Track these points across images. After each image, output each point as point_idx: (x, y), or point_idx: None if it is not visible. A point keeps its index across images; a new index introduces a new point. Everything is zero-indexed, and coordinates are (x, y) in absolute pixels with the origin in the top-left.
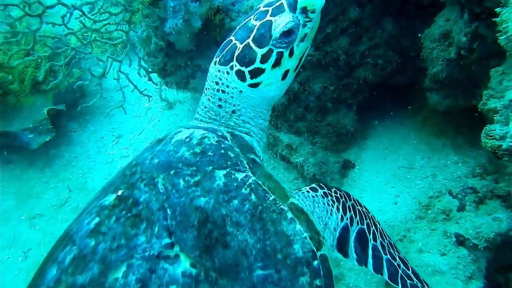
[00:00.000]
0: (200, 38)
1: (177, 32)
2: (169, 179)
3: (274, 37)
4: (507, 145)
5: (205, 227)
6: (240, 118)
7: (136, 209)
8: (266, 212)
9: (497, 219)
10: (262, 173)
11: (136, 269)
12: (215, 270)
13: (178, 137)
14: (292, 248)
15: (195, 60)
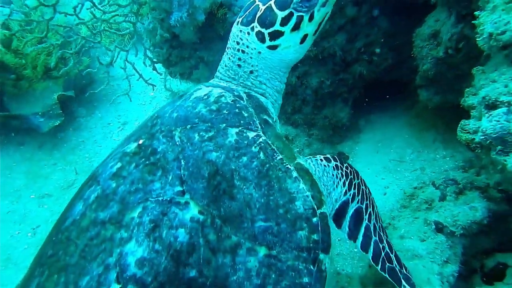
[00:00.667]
0: (204, 31)
1: (181, 25)
2: (185, 133)
3: (294, 1)
4: (479, 138)
5: (215, 179)
6: (258, 79)
7: (154, 158)
8: (272, 170)
9: (473, 208)
10: (273, 134)
11: (150, 211)
12: (221, 218)
13: (197, 94)
14: (294, 204)
15: (199, 52)
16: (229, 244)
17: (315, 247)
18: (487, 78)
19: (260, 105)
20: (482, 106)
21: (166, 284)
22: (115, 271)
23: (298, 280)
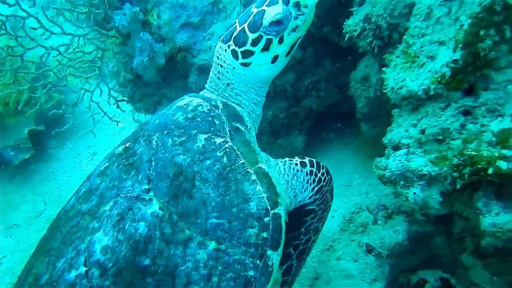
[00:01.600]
0: (166, 71)
1: (143, 67)
2: (161, 138)
3: (264, 25)
4: (387, 174)
5: (178, 179)
6: (234, 90)
7: (132, 159)
8: (232, 172)
9: (396, 231)
10: (240, 140)
11: (119, 205)
12: (178, 214)
13: (179, 103)
14: (248, 204)
15: (162, 90)
16: (182, 237)
17: (263, 244)
18: (396, 122)
19: (234, 114)
20: (390, 146)
21: (123, 270)
22: (84, 256)
23: (244, 273)
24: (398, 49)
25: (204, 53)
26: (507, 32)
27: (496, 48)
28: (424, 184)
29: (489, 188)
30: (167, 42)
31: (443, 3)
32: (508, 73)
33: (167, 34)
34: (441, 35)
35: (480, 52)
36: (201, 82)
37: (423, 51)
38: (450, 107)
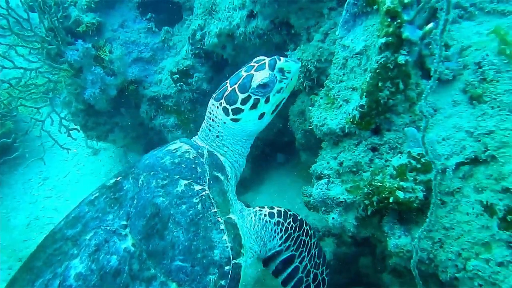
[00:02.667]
0: (118, 101)
1: (95, 98)
2: (147, 178)
3: (252, 87)
4: (312, 201)
5: (153, 220)
6: (222, 141)
7: (118, 194)
8: (203, 220)
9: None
10: (217, 189)
11: (98, 236)
12: (147, 253)
13: (170, 147)
14: (212, 252)
15: (114, 118)
16: (147, 275)
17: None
18: (321, 155)
19: (217, 164)
20: (314, 176)
21: None
22: (59, 279)
23: None
24: (321, 92)
25: (155, 86)
26: (400, 84)
27: (393, 97)
28: (341, 210)
29: (393, 214)
30: (119, 75)
31: (355, 56)
32: (405, 117)
33: (119, 68)
34: (354, 82)
35: (380, 100)
36: (151, 112)
37: (340, 95)
38: (361, 144)
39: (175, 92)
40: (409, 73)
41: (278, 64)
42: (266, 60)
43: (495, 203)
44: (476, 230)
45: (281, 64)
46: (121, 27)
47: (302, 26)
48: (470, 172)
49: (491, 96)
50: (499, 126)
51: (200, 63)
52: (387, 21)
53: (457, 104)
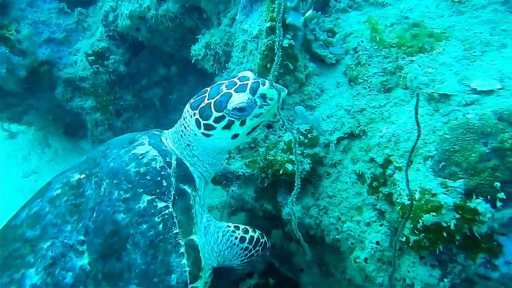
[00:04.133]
0: (31, 82)
1: (2, 79)
2: (110, 187)
3: (227, 108)
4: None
5: (112, 238)
6: (192, 151)
7: (80, 200)
8: (164, 242)
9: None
10: (182, 206)
11: (55, 248)
12: (103, 274)
13: (136, 150)
14: (170, 276)
15: (27, 100)
16: None
17: None
18: None
19: (185, 175)
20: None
21: None
22: (15, 287)
23: None
24: (224, 74)
25: (70, 67)
26: (289, 66)
27: (282, 78)
28: (241, 183)
29: (285, 186)
30: (28, 56)
31: (252, 39)
32: (295, 97)
33: (28, 48)
34: (252, 64)
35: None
36: (67, 94)
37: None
38: None
39: (92, 74)
40: (296, 56)
41: (261, 89)
42: (249, 82)
43: (365, 172)
44: (352, 196)
45: (264, 90)
46: (30, 6)
47: (213, 11)
48: (349, 146)
49: (364, 78)
50: (369, 104)
51: (116, 45)
52: (272, 6)
53: (340, 85)
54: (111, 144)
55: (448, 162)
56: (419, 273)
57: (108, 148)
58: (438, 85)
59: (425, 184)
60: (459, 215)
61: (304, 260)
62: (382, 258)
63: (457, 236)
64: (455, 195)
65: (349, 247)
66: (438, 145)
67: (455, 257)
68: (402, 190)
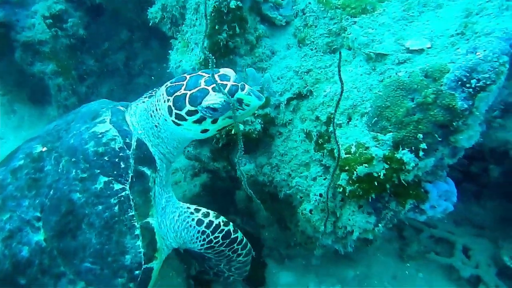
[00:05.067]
0: None
1: None
2: (68, 165)
3: (202, 105)
4: None
5: (67, 217)
6: (158, 133)
7: (39, 175)
8: (119, 224)
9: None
10: (139, 189)
11: (12, 222)
12: (58, 250)
13: (97, 129)
14: (124, 257)
15: None
16: (56, 271)
17: None
18: None
19: (145, 157)
20: None
21: (3, 281)
22: None
23: None
24: (179, 36)
25: (28, 30)
26: (237, 28)
27: (232, 39)
28: (197, 144)
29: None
30: None
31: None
32: (247, 59)
33: None
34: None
35: (220, 42)
36: (27, 58)
37: (192, 38)
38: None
39: (51, 38)
40: (245, 18)
41: (239, 94)
42: (229, 84)
43: (311, 130)
44: (301, 154)
45: (242, 95)
46: None
47: None
48: (298, 106)
49: (311, 40)
50: (315, 65)
51: (73, 8)
52: None
53: (290, 47)
54: (77, 115)
55: (380, 117)
56: (357, 221)
57: (74, 120)
58: (376, 45)
59: (360, 139)
60: (388, 165)
61: (265, 218)
62: (325, 209)
63: (387, 184)
64: (385, 148)
65: (298, 201)
66: (373, 102)
67: (387, 204)
68: (341, 145)
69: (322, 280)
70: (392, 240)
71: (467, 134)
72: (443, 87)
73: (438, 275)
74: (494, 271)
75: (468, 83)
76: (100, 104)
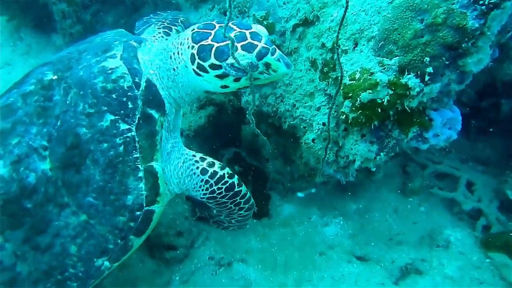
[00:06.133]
0: None
1: None
2: (76, 97)
3: (228, 62)
4: None
5: (72, 151)
6: (174, 76)
7: (48, 103)
8: (123, 164)
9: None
10: (145, 132)
11: (21, 147)
12: (62, 181)
13: (107, 63)
14: (126, 197)
15: None
16: (60, 201)
17: (128, 230)
18: None
19: (154, 99)
20: None
21: (10, 202)
22: None
23: (104, 244)
24: None
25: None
26: None
27: None
28: None
29: None
30: None
31: None
32: None
33: None
34: None
35: None
36: None
37: None
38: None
39: None
40: None
41: (268, 58)
42: (259, 45)
43: (317, 58)
44: (306, 83)
45: (271, 60)
46: None
47: None
48: (304, 33)
49: None
50: None
51: None
52: None
53: None
54: (90, 45)
55: (386, 41)
56: (359, 150)
57: (86, 50)
58: None
59: (365, 64)
60: (392, 91)
61: (269, 152)
62: (327, 138)
63: (390, 111)
64: (390, 73)
65: (302, 132)
66: (381, 26)
67: (390, 133)
68: (346, 72)
69: (324, 213)
70: (395, 175)
71: (476, 58)
72: (454, 5)
73: (440, 209)
74: (496, 204)
75: None
76: (115, 36)
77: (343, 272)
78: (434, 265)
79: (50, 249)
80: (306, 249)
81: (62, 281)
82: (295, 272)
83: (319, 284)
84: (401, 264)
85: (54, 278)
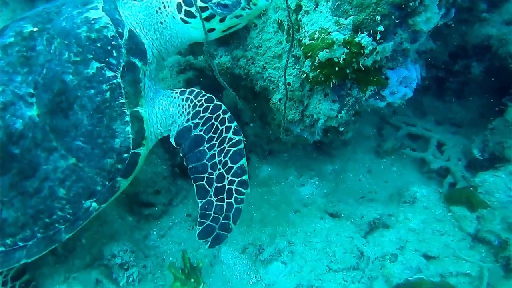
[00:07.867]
0: None
1: None
2: (60, 46)
3: (213, 1)
4: None
5: (60, 97)
6: (160, 29)
7: (31, 53)
8: (110, 109)
9: (179, 81)
10: (130, 79)
11: (5, 95)
12: (50, 127)
13: (89, 14)
14: (113, 140)
15: None
16: (48, 146)
17: (115, 172)
18: None
19: (137, 49)
20: None
21: None
22: None
23: (92, 186)
24: None
25: None
26: None
27: None
28: None
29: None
30: None
31: None
32: None
33: None
34: None
35: None
36: None
37: None
38: None
39: None
40: None
41: None
42: None
43: (283, 20)
44: (274, 45)
45: None
46: None
47: None
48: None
49: None
50: None
51: None
52: None
53: None
54: (68, 0)
55: (342, 1)
56: (322, 108)
57: (64, 4)
58: None
59: (324, 24)
60: (348, 49)
61: (248, 116)
62: (293, 98)
63: (347, 69)
64: (346, 32)
65: (271, 93)
66: None
67: (350, 91)
68: (306, 32)
69: (301, 173)
70: (371, 138)
71: (425, 16)
72: None
73: (410, 168)
74: (464, 163)
75: None
76: None
77: (316, 227)
78: (400, 219)
79: (38, 193)
80: (281, 207)
81: (50, 224)
82: (269, 228)
83: (292, 238)
84: (370, 219)
85: (42, 221)
